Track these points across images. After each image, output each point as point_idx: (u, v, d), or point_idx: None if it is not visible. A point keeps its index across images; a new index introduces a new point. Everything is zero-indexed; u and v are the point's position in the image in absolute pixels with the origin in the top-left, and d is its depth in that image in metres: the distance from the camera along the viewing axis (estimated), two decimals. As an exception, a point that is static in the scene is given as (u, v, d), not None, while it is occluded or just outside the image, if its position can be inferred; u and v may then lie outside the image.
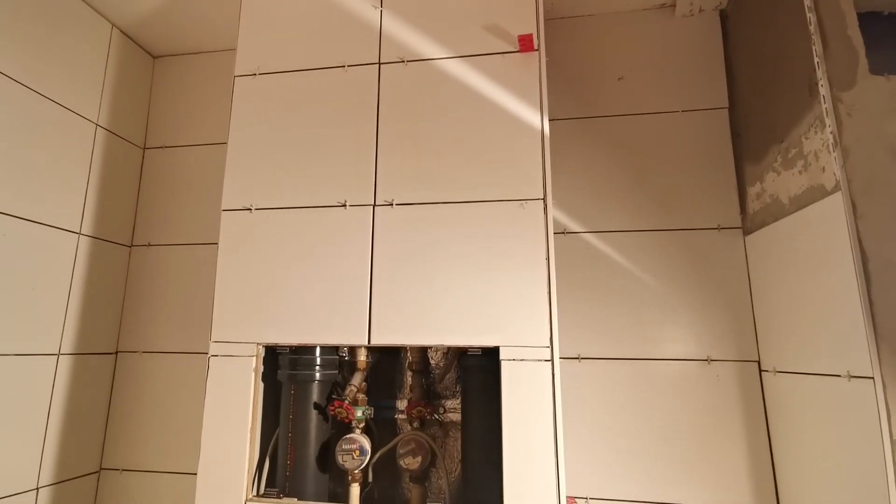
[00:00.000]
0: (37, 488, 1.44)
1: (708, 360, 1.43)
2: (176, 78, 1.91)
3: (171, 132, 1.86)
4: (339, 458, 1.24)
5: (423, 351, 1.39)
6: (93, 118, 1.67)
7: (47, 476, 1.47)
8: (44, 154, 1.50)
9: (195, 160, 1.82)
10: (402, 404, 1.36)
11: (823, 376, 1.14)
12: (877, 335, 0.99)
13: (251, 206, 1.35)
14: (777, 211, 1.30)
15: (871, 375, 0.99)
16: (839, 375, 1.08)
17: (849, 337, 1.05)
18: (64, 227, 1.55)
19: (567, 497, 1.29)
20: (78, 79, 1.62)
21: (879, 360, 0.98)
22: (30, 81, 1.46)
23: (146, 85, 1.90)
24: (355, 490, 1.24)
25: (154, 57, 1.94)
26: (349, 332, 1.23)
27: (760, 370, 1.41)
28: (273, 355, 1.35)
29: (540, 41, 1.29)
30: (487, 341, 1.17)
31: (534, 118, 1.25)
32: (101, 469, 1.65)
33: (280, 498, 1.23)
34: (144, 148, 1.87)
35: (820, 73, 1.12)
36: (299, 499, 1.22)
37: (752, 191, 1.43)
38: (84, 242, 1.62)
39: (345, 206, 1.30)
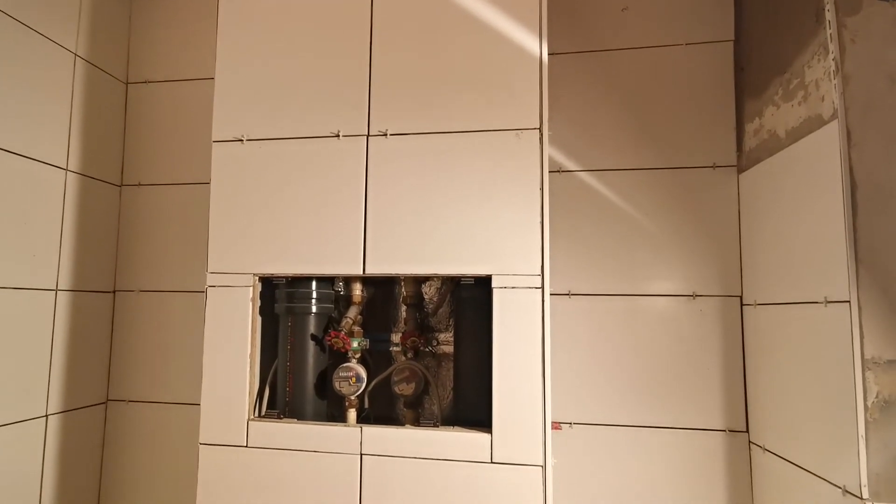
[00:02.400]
0: (46, 415, 1.50)
1: (693, 296, 1.47)
2: (156, 5, 1.80)
3: (154, 66, 1.78)
4: (337, 385, 1.29)
5: (417, 284, 1.42)
6: (71, 48, 1.59)
7: (55, 405, 1.53)
8: (22, 84, 1.44)
9: (181, 97, 1.76)
10: (396, 337, 1.40)
11: (802, 304, 1.19)
12: (857, 260, 1.02)
13: (243, 136, 1.32)
14: (773, 146, 1.30)
15: (847, 299, 1.03)
16: (817, 302, 1.12)
17: (829, 264, 1.08)
18: (50, 161, 1.52)
19: (552, 422, 1.36)
20: (53, 4, 1.53)
21: (857, 284, 1.02)
22: (5, 5, 1.38)
23: (125, 13, 1.80)
24: (352, 414, 1.31)
25: (132, -17, 1.83)
26: (344, 262, 1.25)
27: (742, 304, 1.46)
28: (270, 289, 1.37)
29: (541, -39, 1.23)
30: (480, 270, 1.19)
31: (532, 44, 1.21)
32: (108, 400, 1.71)
33: (280, 418, 1.29)
34: (127, 83, 1.80)
35: (828, -3, 1.08)
36: (299, 419, 1.29)
37: (750, 127, 1.42)
38: (72, 179, 1.59)
39: (338, 136, 1.28)
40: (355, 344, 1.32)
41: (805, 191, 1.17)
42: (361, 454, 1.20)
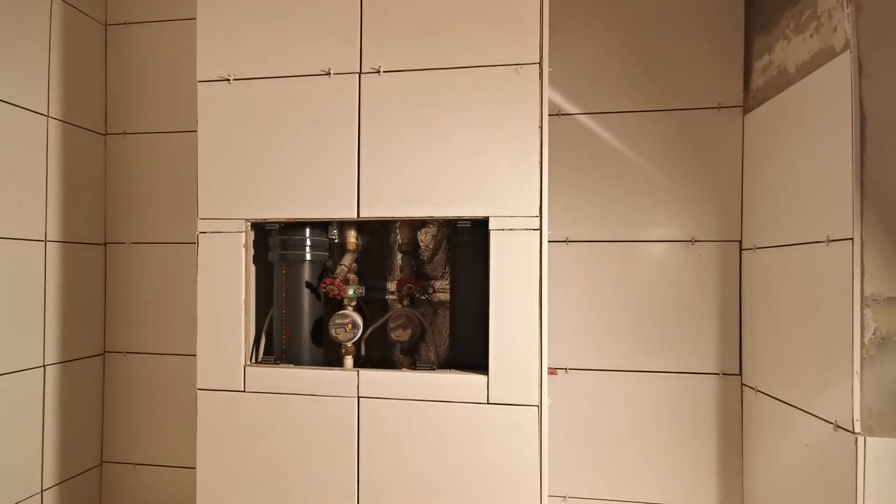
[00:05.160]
0: (43, 366, 1.50)
1: (692, 241, 1.46)
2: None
3: (133, 6, 1.69)
4: (333, 332, 1.29)
5: (412, 231, 1.39)
6: (44, -15, 1.50)
7: (52, 355, 1.53)
8: (-6, 21, 1.37)
9: (164, 39, 1.67)
10: (391, 285, 1.39)
11: (803, 245, 1.17)
12: (863, 196, 1.00)
13: (229, 76, 1.26)
14: (782, 82, 1.25)
15: (850, 237, 1.01)
16: (819, 242, 1.11)
17: (834, 202, 1.06)
18: (30, 107, 1.46)
19: (548, 368, 1.36)
20: (20, -67, 1.43)
21: (861, 220, 1.00)
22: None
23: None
24: (349, 360, 1.31)
25: (106, -84, 1.70)
26: (337, 206, 1.22)
27: (741, 249, 1.45)
28: (264, 237, 1.35)
29: None
30: (477, 212, 1.17)
31: (532, -29, 1.14)
32: (105, 352, 1.71)
33: (277, 364, 1.29)
34: (106, 24, 1.71)
35: (849, -86, 1.01)
36: (295, 366, 1.29)
37: (759, 64, 1.37)
38: (54, 126, 1.53)
39: (329, 74, 1.22)
40: (351, 291, 1.31)
41: (813, 127, 1.14)
42: (359, 397, 1.21)
